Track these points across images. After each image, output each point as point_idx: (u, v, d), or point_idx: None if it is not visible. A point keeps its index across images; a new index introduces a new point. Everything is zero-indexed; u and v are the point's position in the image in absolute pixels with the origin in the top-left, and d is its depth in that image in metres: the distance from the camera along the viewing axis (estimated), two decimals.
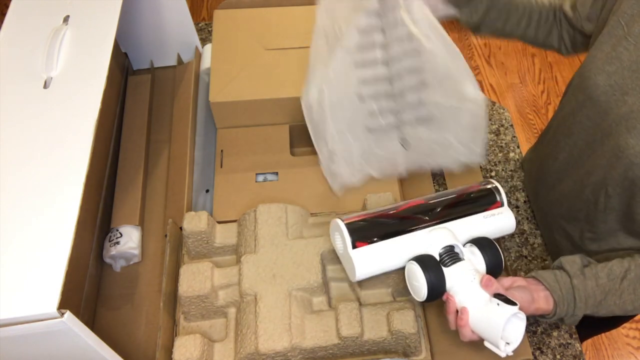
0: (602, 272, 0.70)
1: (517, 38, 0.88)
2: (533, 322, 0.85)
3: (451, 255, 0.69)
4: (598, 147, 0.75)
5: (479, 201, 0.77)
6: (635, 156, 0.69)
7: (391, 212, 0.75)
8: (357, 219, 0.73)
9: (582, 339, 0.86)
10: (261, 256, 0.78)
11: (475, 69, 2.29)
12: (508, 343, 0.63)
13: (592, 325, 1.05)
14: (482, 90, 0.91)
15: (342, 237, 0.72)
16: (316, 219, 0.86)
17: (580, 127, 0.78)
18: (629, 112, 0.69)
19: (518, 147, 1.06)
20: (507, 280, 0.69)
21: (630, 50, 0.68)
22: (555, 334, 0.85)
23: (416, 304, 0.79)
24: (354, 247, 0.70)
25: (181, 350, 0.71)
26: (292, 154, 0.94)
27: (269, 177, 0.91)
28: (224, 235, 0.83)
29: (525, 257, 0.93)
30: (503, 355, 0.64)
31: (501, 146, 1.05)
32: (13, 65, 0.69)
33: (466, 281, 0.67)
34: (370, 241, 0.71)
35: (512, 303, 0.63)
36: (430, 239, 0.71)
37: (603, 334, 1.72)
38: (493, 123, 1.09)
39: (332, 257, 0.80)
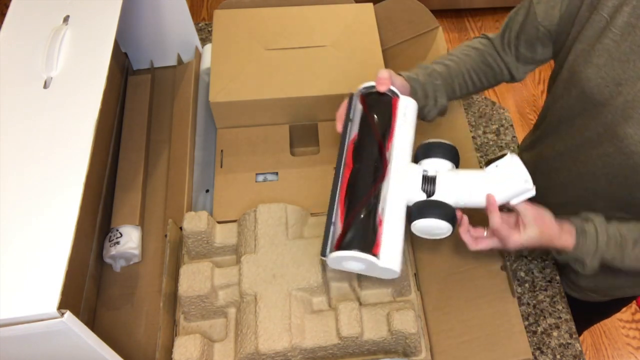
0: (621, 225, 0.72)
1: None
2: (533, 322, 0.86)
3: (428, 181, 0.69)
4: (594, 137, 0.76)
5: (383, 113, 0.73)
6: (635, 145, 0.69)
7: (348, 189, 0.70)
8: (343, 232, 0.68)
9: (579, 330, 0.87)
10: (261, 256, 0.78)
11: None
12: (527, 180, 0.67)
13: (590, 312, 1.06)
14: None
15: (359, 260, 0.67)
16: (316, 219, 0.86)
17: (576, 118, 0.78)
18: (624, 102, 0.69)
19: (518, 147, 1.05)
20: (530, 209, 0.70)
21: (617, 40, 0.69)
22: (555, 334, 0.85)
23: (416, 304, 0.79)
24: (374, 254, 0.66)
25: (181, 350, 0.71)
26: (292, 154, 0.94)
27: (269, 177, 0.91)
28: (224, 235, 0.83)
29: (526, 257, 0.93)
30: (533, 192, 0.67)
31: (501, 146, 1.05)
32: (13, 65, 0.69)
33: (455, 183, 0.68)
34: (373, 241, 0.68)
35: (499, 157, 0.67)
36: (404, 185, 0.69)
37: (603, 335, 1.72)
38: (493, 123, 1.09)
39: None
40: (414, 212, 0.68)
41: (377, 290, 0.80)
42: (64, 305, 0.52)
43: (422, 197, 0.69)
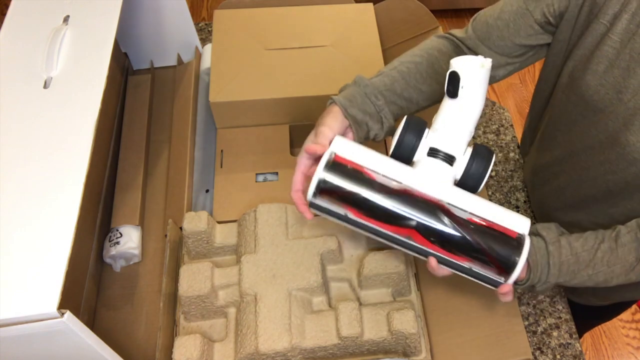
0: (576, 242, 0.70)
1: None
2: (533, 322, 0.85)
3: (447, 158, 0.67)
4: (595, 144, 0.75)
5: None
6: (637, 152, 0.69)
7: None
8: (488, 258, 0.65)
9: (580, 332, 0.86)
10: (261, 256, 0.78)
11: None
12: None
13: (591, 316, 1.05)
14: None
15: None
16: (316, 219, 0.86)
17: (576, 125, 0.78)
18: (626, 110, 0.69)
19: (518, 147, 1.05)
20: None
21: (617, 48, 0.68)
22: (555, 334, 0.85)
23: (416, 304, 0.79)
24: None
25: (181, 350, 0.71)
26: (292, 154, 0.94)
27: (269, 177, 0.91)
28: (224, 235, 0.83)
29: None
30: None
31: (501, 146, 1.05)
32: (13, 65, 0.69)
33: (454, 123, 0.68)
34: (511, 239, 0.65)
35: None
36: (437, 178, 0.67)
37: (603, 335, 1.72)
38: (493, 123, 1.09)
39: (332, 257, 0.80)
40: (475, 171, 0.67)
41: (377, 290, 0.80)
42: (64, 305, 0.52)
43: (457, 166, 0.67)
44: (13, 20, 0.74)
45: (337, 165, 0.65)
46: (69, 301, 0.54)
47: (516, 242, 0.65)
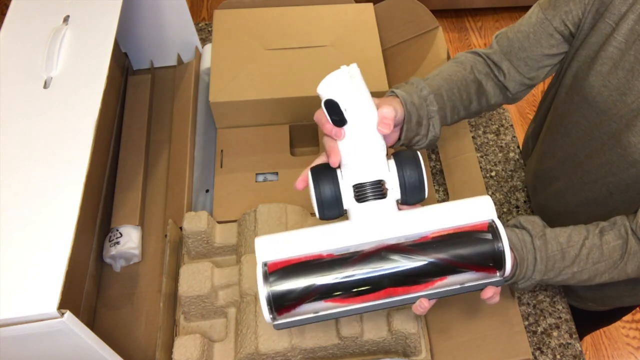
0: (562, 237, 0.68)
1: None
2: (533, 322, 0.85)
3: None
4: (597, 146, 0.75)
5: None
6: (638, 154, 0.69)
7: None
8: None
9: (580, 335, 0.86)
10: None
11: None
12: None
13: (591, 321, 1.05)
14: None
15: None
16: (316, 219, 0.85)
17: (578, 127, 0.78)
18: (629, 111, 0.69)
19: (518, 147, 1.05)
20: None
21: (622, 49, 0.68)
22: (555, 334, 0.85)
23: None
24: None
25: (181, 350, 0.71)
26: (292, 154, 0.94)
27: (269, 177, 0.91)
28: (224, 235, 0.83)
29: None
30: None
31: (501, 146, 1.05)
32: (13, 65, 0.69)
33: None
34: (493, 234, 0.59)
35: None
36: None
37: (603, 335, 1.72)
38: (493, 123, 1.09)
39: None
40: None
41: None
42: (64, 305, 0.52)
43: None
44: (13, 20, 0.74)
45: (274, 274, 0.57)
46: (69, 301, 0.54)
47: (490, 232, 0.59)
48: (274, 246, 0.59)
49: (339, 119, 0.58)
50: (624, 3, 0.67)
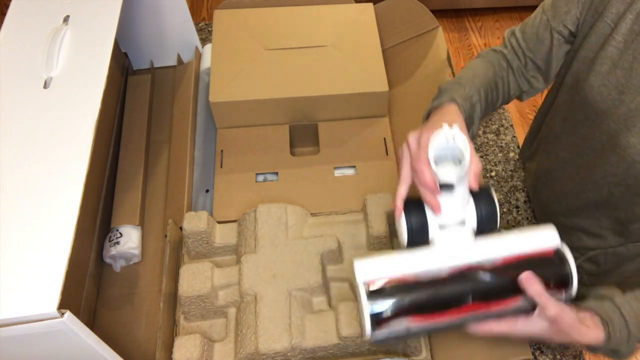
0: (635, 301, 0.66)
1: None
2: None
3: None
4: (598, 146, 0.75)
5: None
6: (637, 154, 0.69)
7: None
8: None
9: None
10: (261, 256, 0.78)
11: None
12: None
13: None
14: None
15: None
16: (316, 219, 0.86)
17: (579, 126, 0.78)
18: (628, 111, 0.68)
19: (518, 147, 1.05)
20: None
21: (621, 48, 0.68)
22: None
23: None
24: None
25: (181, 350, 0.71)
26: (292, 154, 0.94)
27: (269, 177, 0.91)
28: (224, 235, 0.83)
29: None
30: None
31: (501, 146, 1.05)
32: (13, 65, 0.69)
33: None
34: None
35: None
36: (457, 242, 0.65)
37: None
38: (493, 123, 1.09)
39: (332, 257, 0.80)
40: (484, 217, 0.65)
41: None
42: (64, 305, 0.52)
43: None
44: (13, 20, 0.74)
45: (376, 293, 0.62)
46: (69, 301, 0.54)
47: (557, 257, 0.64)
48: (372, 268, 0.64)
49: (448, 186, 0.62)
50: (622, 2, 0.67)
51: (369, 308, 0.61)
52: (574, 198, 0.83)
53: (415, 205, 0.65)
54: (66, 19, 0.74)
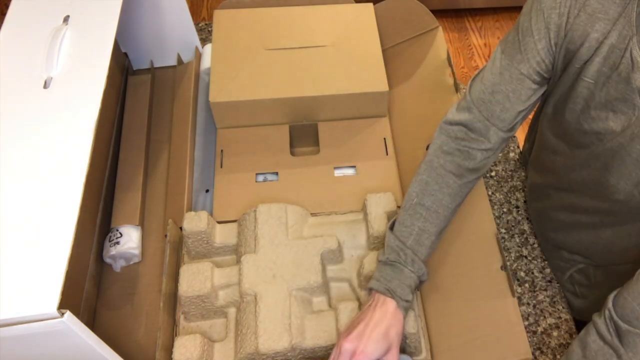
0: None
1: None
2: (533, 322, 0.85)
3: None
4: (581, 179, 0.75)
5: None
6: (619, 194, 0.69)
7: None
8: None
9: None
10: (261, 256, 0.78)
11: (475, 69, 2.29)
12: None
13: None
14: None
15: None
16: (316, 219, 0.86)
17: (562, 156, 0.78)
18: (604, 150, 0.68)
19: (518, 147, 1.06)
20: None
21: (591, 89, 0.67)
22: (555, 334, 0.85)
23: (416, 304, 0.79)
24: None
25: (181, 350, 0.71)
26: (292, 154, 0.94)
27: (269, 177, 0.91)
28: (224, 235, 0.83)
29: (525, 257, 0.93)
30: None
31: None
32: (13, 65, 0.69)
33: None
34: None
35: None
36: None
37: None
38: None
39: (332, 257, 0.80)
40: None
41: None
42: (64, 305, 0.52)
43: None
44: (13, 20, 0.74)
45: None
46: (69, 301, 0.54)
47: None
48: None
49: None
50: (588, 50, 0.65)
51: None
52: (563, 217, 0.83)
53: None
54: (66, 19, 0.74)
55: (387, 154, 0.93)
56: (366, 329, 0.67)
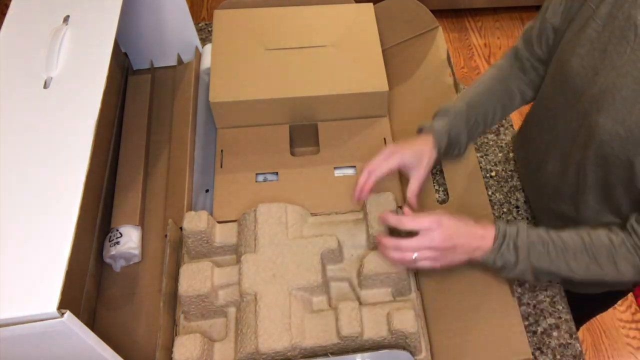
0: (551, 232, 0.73)
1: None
2: (533, 322, 0.85)
3: None
4: (576, 127, 0.77)
5: None
6: (605, 134, 0.70)
7: None
8: None
9: (577, 325, 0.87)
10: (261, 256, 0.78)
11: (475, 69, 2.29)
12: None
13: (585, 307, 1.05)
14: None
15: None
16: (316, 219, 0.86)
17: (560, 109, 0.80)
18: (599, 92, 0.70)
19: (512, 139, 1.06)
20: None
21: (599, 31, 0.70)
22: (555, 334, 0.85)
23: (416, 304, 0.79)
24: None
25: (181, 349, 0.71)
26: (292, 154, 0.94)
27: (269, 177, 0.91)
28: (224, 235, 0.83)
29: None
30: None
31: (501, 146, 1.05)
32: (13, 65, 0.69)
33: None
34: None
35: None
36: None
37: (603, 335, 1.72)
38: None
39: (332, 256, 0.80)
40: None
41: (377, 290, 0.80)
42: (64, 305, 0.52)
43: None
44: (13, 20, 0.74)
45: None
46: (69, 301, 0.54)
47: None
48: None
49: None
50: None
51: None
52: (559, 180, 0.84)
53: None
54: (66, 19, 0.74)
55: None
56: (406, 143, 0.82)
